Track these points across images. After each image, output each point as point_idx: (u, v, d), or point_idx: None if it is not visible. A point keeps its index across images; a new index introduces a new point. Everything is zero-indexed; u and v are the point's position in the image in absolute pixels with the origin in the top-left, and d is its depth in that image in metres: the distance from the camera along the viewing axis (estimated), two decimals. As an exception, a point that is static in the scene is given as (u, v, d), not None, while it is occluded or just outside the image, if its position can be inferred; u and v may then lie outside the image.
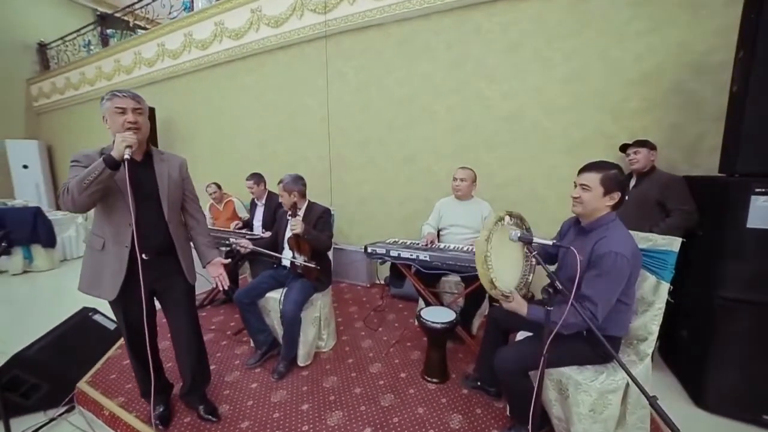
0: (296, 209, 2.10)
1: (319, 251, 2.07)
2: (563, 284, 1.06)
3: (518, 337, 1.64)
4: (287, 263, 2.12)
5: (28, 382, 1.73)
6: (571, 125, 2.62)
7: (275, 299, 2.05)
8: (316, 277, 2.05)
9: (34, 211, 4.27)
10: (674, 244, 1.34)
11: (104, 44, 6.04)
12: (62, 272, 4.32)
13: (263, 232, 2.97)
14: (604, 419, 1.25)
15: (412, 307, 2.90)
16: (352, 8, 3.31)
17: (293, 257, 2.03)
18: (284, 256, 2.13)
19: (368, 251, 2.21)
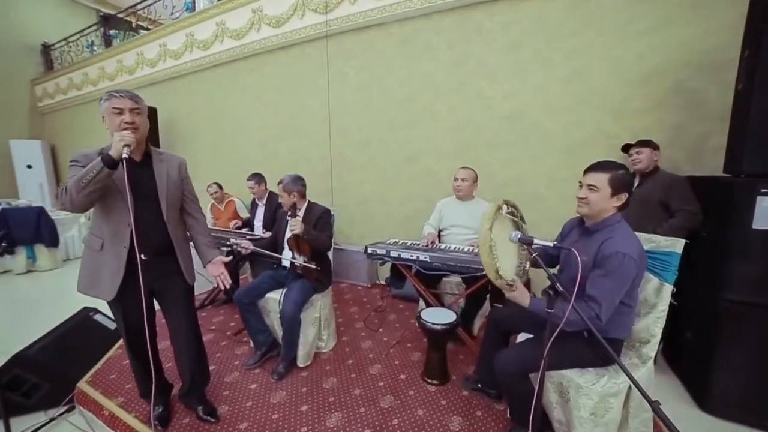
0: (296, 209, 2.09)
1: (318, 251, 2.07)
2: (566, 285, 1.04)
3: (519, 338, 1.62)
4: (287, 264, 2.12)
5: (28, 381, 1.73)
6: (572, 125, 2.60)
7: (275, 300, 2.05)
8: (315, 277, 2.05)
9: (37, 211, 4.31)
10: (677, 245, 1.32)
11: (107, 45, 6.08)
12: (65, 272, 4.34)
13: (264, 232, 2.96)
14: (605, 423, 1.23)
15: (412, 307, 2.89)
16: (353, 8, 3.30)
17: (293, 257, 2.03)
18: (284, 256, 2.13)
19: (368, 252, 2.20)
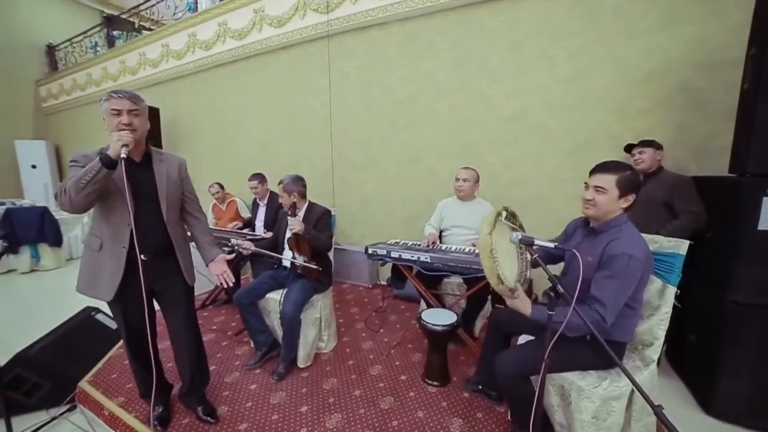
0: (296, 209, 2.09)
1: (318, 251, 2.06)
2: (570, 287, 1.03)
3: (520, 340, 1.60)
4: (288, 264, 2.11)
5: (30, 380, 1.74)
6: (575, 125, 2.58)
7: (275, 300, 2.04)
8: (316, 277, 2.04)
9: (41, 210, 4.34)
10: (681, 246, 1.30)
11: (110, 45, 6.11)
12: (68, 271, 4.37)
13: (265, 232, 2.96)
14: (607, 427, 1.21)
15: (414, 308, 2.88)
16: (354, 7, 3.29)
17: (293, 257, 2.02)
18: (285, 256, 2.13)
19: (369, 252, 2.20)
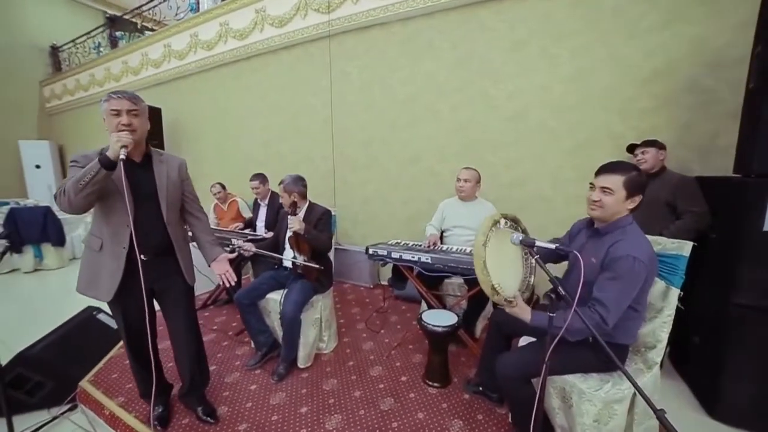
0: (296, 208, 2.08)
1: (318, 251, 2.06)
2: (573, 288, 1.01)
3: (521, 341, 1.59)
4: (289, 264, 2.11)
5: (32, 380, 1.74)
6: (577, 125, 2.56)
7: (275, 300, 2.04)
8: (316, 278, 2.04)
9: (44, 210, 4.36)
10: (685, 248, 1.28)
11: (113, 46, 6.14)
12: (71, 270, 4.39)
13: (266, 232, 2.96)
14: (609, 430, 1.20)
15: (415, 308, 2.87)
16: (355, 7, 3.29)
17: (294, 257, 2.02)
18: (285, 256, 2.12)
19: (369, 252, 2.19)
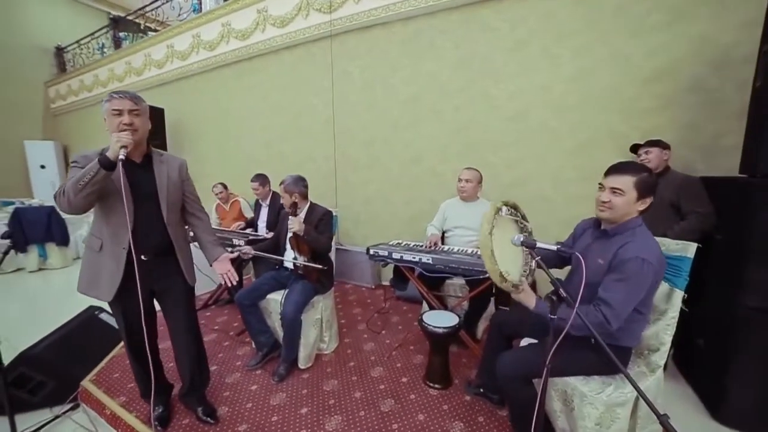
0: (297, 209, 2.08)
1: (318, 253, 2.05)
2: (575, 289, 1.00)
3: (522, 343, 1.58)
4: (290, 264, 2.11)
5: (34, 379, 1.75)
6: (578, 125, 2.54)
7: (276, 301, 2.04)
8: (317, 278, 2.03)
9: (48, 210, 4.39)
10: (689, 249, 1.26)
11: (117, 47, 6.18)
12: (75, 270, 4.34)
13: (267, 232, 2.97)
14: (611, 434, 1.18)
15: (416, 309, 2.86)
16: (357, 7, 3.28)
17: (294, 258, 2.02)
18: (286, 257, 2.12)
19: (370, 253, 2.18)
